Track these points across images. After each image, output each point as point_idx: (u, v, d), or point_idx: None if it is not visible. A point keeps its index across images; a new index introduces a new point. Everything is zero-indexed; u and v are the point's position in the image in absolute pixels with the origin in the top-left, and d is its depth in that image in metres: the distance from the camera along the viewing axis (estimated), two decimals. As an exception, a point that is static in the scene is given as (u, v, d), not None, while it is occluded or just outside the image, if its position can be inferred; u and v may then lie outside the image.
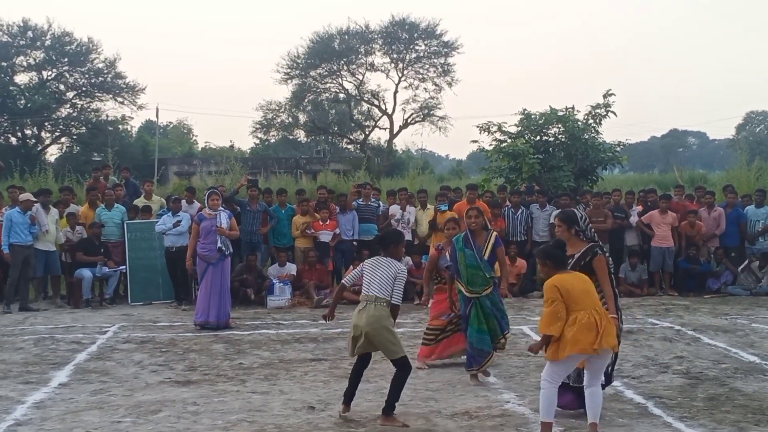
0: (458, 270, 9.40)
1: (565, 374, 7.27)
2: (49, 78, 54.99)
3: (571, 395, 7.87)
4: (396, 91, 57.02)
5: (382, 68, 57.36)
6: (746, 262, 17.32)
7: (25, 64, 54.73)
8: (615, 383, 9.13)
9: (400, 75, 57.05)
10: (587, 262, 7.85)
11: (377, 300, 7.63)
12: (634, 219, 17.42)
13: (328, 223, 16.53)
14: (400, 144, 61.78)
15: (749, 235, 17.52)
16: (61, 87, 55.82)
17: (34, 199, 15.25)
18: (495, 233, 9.71)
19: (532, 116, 22.32)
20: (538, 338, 11.33)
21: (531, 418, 7.76)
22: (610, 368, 7.85)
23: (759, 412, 7.96)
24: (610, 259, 8.31)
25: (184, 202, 16.42)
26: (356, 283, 8.15)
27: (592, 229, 8.32)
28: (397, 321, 12.72)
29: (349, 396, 7.79)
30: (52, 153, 56.60)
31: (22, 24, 53.39)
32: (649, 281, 17.26)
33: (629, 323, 13.26)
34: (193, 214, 14.87)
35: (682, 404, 8.26)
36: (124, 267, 16.06)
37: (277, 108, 58.60)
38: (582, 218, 8.20)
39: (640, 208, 17.89)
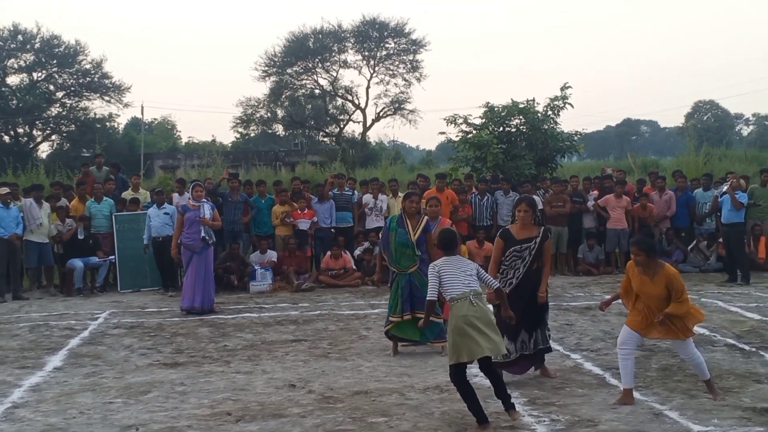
0: (388, 248, 9.71)
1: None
2: (39, 79, 54.42)
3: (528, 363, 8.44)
4: (368, 87, 57.00)
5: (355, 65, 57.29)
6: (695, 241, 17.50)
7: (16, 66, 54.12)
8: (574, 356, 9.25)
9: (372, 71, 56.98)
10: (541, 244, 8.30)
11: (480, 294, 6.85)
12: (590, 203, 17.53)
13: (305, 211, 16.53)
14: (373, 136, 61.49)
15: (698, 217, 17.70)
16: (51, 87, 55.25)
17: (7, 191, 15.14)
18: (426, 218, 9.89)
19: (496, 109, 22.37)
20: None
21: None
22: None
23: (708, 380, 8.05)
24: None
25: (175, 194, 16.37)
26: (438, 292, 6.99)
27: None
28: (377, 303, 12.77)
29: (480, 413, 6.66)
30: (44, 150, 56.07)
31: (12, 28, 52.85)
32: (606, 261, 17.39)
33: (588, 300, 13.39)
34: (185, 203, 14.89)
35: (638, 374, 8.31)
36: (113, 257, 15.98)
37: (256, 104, 58.40)
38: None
39: (596, 192, 18.00)
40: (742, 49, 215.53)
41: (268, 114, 59.75)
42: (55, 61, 54.12)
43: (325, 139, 61.25)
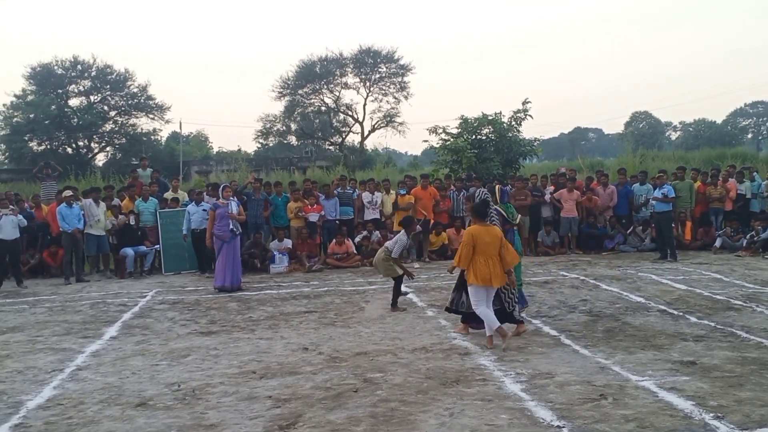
0: None
1: (482, 297, 7.95)
2: (96, 101, 54.28)
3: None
4: (365, 104, 57.10)
5: (354, 86, 57.36)
6: (632, 227, 17.53)
7: (76, 90, 54.05)
8: (535, 321, 9.25)
9: (368, 91, 57.00)
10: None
11: (386, 250, 10.41)
12: (547, 196, 17.54)
13: (315, 207, 16.51)
14: (369, 144, 61.36)
15: (635, 206, 17.72)
16: (105, 108, 55.09)
17: (70, 193, 15.19)
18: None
19: (469, 120, 22.38)
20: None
21: (471, 348, 7.83)
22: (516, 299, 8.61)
23: (644, 339, 8.08)
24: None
25: (206, 196, 16.36)
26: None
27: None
28: (374, 281, 12.72)
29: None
30: (100, 159, 55.89)
31: (73, 59, 52.81)
32: (560, 243, 17.41)
33: (546, 276, 13.41)
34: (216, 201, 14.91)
35: (587, 335, 8.36)
36: (158, 246, 15.95)
37: (273, 119, 58.45)
38: (478, 195, 9.15)
39: (552, 187, 18.00)
40: (670, 67, 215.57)
41: (284, 127, 59.80)
42: (108, 86, 54.11)
43: (330, 147, 61.15)
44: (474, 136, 22.10)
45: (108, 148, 56.38)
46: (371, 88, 57.02)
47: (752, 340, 7.91)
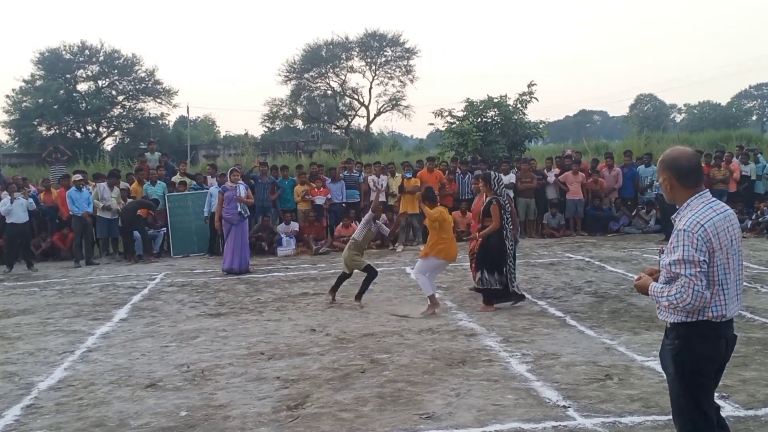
0: None
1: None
2: (104, 86, 54.11)
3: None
4: (371, 88, 56.72)
5: (359, 70, 56.96)
6: (637, 209, 17.46)
7: (84, 75, 53.84)
8: (540, 302, 9.24)
9: (373, 75, 56.65)
10: (486, 207, 8.99)
11: (354, 240, 9.79)
12: (552, 178, 17.48)
13: (321, 190, 16.50)
14: (375, 128, 61.03)
15: (640, 188, 17.64)
16: (113, 92, 54.90)
17: (80, 177, 15.25)
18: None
19: (475, 103, 22.24)
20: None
21: (477, 329, 7.83)
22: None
23: (649, 320, 8.05)
24: (509, 206, 9.09)
25: (209, 177, 16.34)
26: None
27: (503, 187, 9.12)
28: (379, 263, 12.73)
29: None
30: (108, 143, 55.72)
31: (80, 44, 52.54)
32: (566, 225, 17.35)
33: (552, 258, 13.38)
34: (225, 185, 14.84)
35: (592, 316, 8.35)
36: (165, 228, 15.99)
37: (280, 103, 58.08)
38: (495, 178, 9.07)
39: (557, 170, 17.93)
40: (675, 50, 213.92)
41: (290, 111, 59.44)
42: (116, 71, 53.90)
43: (336, 131, 60.92)
44: (479, 119, 21.97)
45: (116, 133, 56.29)
46: (377, 72, 56.71)
47: (757, 321, 7.88)
